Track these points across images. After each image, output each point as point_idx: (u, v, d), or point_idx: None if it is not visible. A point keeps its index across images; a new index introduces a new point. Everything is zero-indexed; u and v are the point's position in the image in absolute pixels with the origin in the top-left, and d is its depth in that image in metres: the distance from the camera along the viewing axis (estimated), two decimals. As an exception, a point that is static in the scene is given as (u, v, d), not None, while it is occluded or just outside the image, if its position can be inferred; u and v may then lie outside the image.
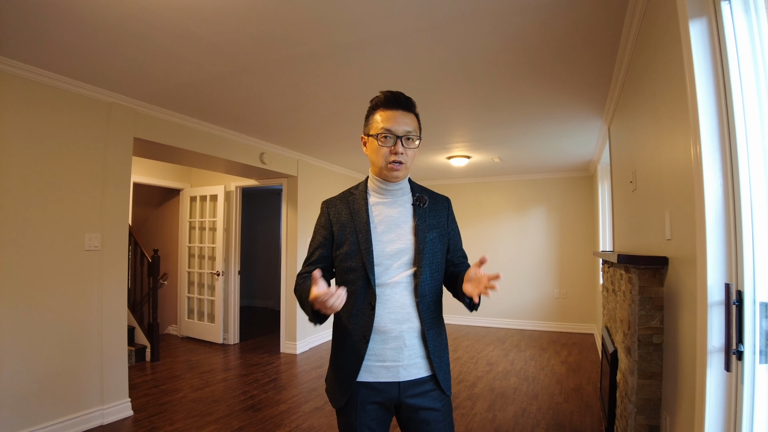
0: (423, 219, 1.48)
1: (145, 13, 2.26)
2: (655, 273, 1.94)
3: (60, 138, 3.16)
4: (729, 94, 1.19)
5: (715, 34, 1.24)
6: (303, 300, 1.42)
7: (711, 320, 1.21)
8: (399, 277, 1.42)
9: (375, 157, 1.46)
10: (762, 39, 1.15)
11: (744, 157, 1.16)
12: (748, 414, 1.10)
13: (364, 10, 2.25)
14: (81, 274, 3.28)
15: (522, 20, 2.35)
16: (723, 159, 1.22)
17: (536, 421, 3.43)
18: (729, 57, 1.19)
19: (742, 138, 1.16)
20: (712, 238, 1.22)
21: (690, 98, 1.31)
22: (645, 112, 2.25)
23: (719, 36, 1.23)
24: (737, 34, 1.18)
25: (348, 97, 3.53)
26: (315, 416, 3.57)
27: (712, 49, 1.25)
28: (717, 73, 1.24)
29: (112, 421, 3.40)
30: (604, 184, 5.60)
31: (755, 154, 1.15)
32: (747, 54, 1.17)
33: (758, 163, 1.15)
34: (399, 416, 1.47)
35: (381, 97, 1.47)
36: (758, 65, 1.15)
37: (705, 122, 1.25)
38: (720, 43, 1.23)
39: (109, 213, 3.47)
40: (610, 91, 3.33)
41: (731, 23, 1.19)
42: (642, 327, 1.94)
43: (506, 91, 3.42)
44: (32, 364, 2.95)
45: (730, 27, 1.19)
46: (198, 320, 6.32)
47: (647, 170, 2.26)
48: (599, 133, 4.62)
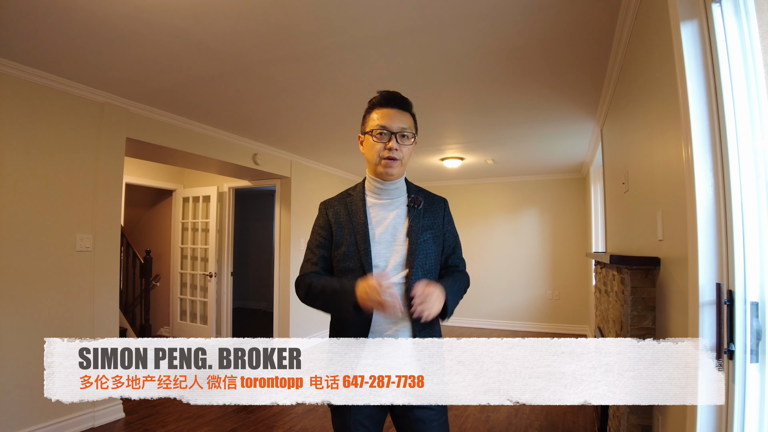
0: (417, 220, 1.49)
1: (138, 13, 2.25)
2: (647, 273, 1.95)
3: (51, 138, 3.12)
4: (720, 95, 1.20)
5: (706, 36, 1.25)
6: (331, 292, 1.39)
7: (702, 320, 1.21)
8: (394, 279, 1.43)
9: (370, 154, 1.47)
10: (752, 41, 1.16)
11: (734, 159, 1.17)
12: (740, 413, 1.11)
13: (357, 11, 2.25)
14: (72, 276, 3.25)
15: (515, 22, 2.36)
16: (714, 160, 1.23)
17: (529, 422, 3.44)
18: (720, 59, 1.20)
19: (732, 139, 1.17)
20: (704, 238, 1.22)
21: (681, 100, 1.32)
22: (637, 114, 2.27)
23: (710, 38, 1.24)
24: (728, 37, 1.19)
25: (341, 97, 3.52)
26: (308, 418, 3.55)
27: (703, 51, 1.26)
28: (708, 74, 1.25)
29: (104, 423, 3.37)
30: (596, 185, 5.63)
31: (745, 155, 1.16)
32: (737, 56, 1.18)
33: (748, 165, 1.16)
34: (393, 415, 1.47)
35: (378, 96, 1.49)
36: (748, 67, 1.16)
37: (696, 124, 1.26)
38: (711, 45, 1.24)
39: (101, 214, 3.44)
40: (603, 93, 3.35)
41: (722, 25, 1.20)
42: (634, 327, 1.95)
43: (499, 93, 3.43)
44: (22, 366, 2.90)
45: (720, 29, 1.20)
46: (191, 322, 6.28)
47: (639, 172, 2.27)
48: (592, 134, 4.65)
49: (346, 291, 1.33)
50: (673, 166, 1.55)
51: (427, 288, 1.32)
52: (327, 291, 1.41)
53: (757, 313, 1.09)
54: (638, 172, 2.30)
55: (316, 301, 1.46)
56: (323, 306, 1.45)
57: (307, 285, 1.48)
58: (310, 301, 1.49)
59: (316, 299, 1.46)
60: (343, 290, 1.35)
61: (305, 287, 1.48)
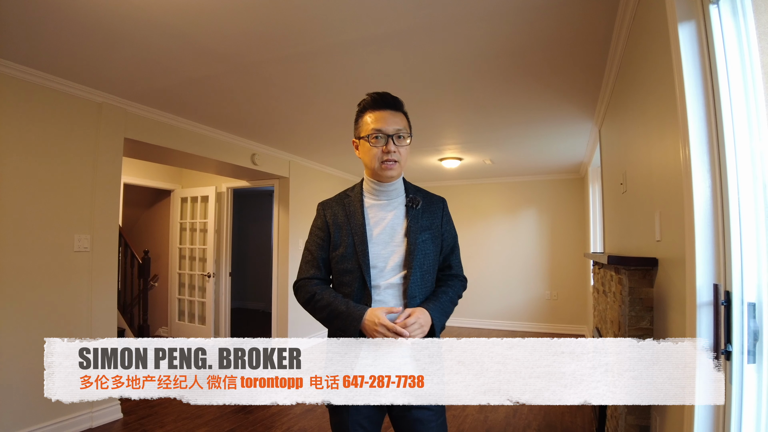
0: (416, 220, 1.49)
1: (136, 13, 2.25)
2: (645, 274, 1.96)
3: (49, 138, 3.12)
4: (717, 96, 1.21)
5: (704, 37, 1.26)
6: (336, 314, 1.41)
7: (700, 320, 1.22)
8: (392, 279, 1.44)
9: (368, 159, 1.46)
10: (749, 42, 1.17)
11: (732, 160, 1.17)
12: (737, 413, 1.12)
13: (356, 11, 2.25)
14: (70, 276, 3.24)
15: (513, 23, 2.36)
16: (711, 161, 1.23)
17: (527, 422, 3.45)
18: (717, 60, 1.20)
19: (730, 140, 1.18)
20: (701, 239, 1.23)
21: (679, 101, 1.33)
22: (635, 114, 2.28)
23: (708, 39, 1.24)
24: (725, 37, 1.20)
25: (340, 97, 3.52)
26: (306, 418, 3.55)
27: (700, 52, 1.27)
28: (705, 75, 1.25)
29: (102, 424, 3.36)
30: (594, 186, 5.64)
31: (743, 156, 1.16)
32: (735, 57, 1.19)
33: (746, 165, 1.16)
34: (391, 415, 1.47)
35: (368, 99, 1.47)
36: (746, 68, 1.17)
37: (694, 125, 1.26)
38: (708, 46, 1.24)
39: (99, 214, 3.44)
40: (601, 93, 3.36)
41: (719, 26, 1.21)
42: (632, 328, 1.96)
43: (497, 93, 3.43)
44: (19, 366, 2.90)
45: (718, 30, 1.21)
46: (189, 322, 6.27)
47: (637, 172, 2.28)
48: (590, 135, 4.66)
49: (352, 318, 1.36)
50: (671, 167, 1.56)
51: (407, 320, 1.36)
52: (332, 311, 1.41)
53: (754, 314, 1.10)
54: (636, 173, 2.31)
55: (318, 314, 1.46)
56: (324, 321, 1.46)
57: (309, 294, 1.48)
58: (310, 310, 1.49)
59: (317, 312, 1.46)
60: (350, 316, 1.37)
61: (308, 295, 1.48)
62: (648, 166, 2.01)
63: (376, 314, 1.35)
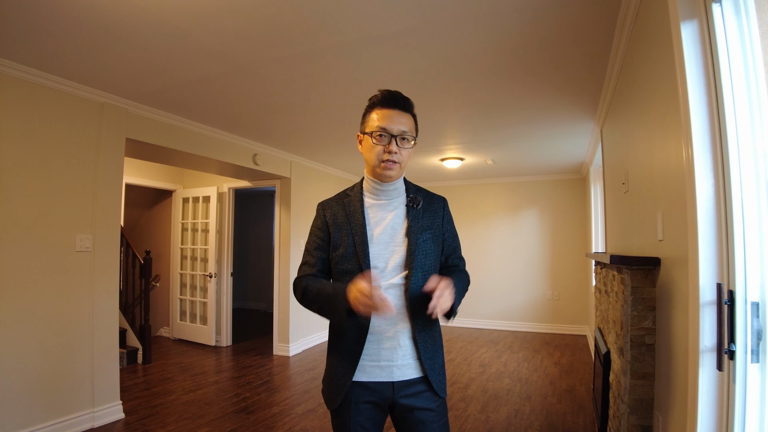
0: (416, 220, 1.48)
1: (138, 12, 2.25)
2: (647, 274, 1.95)
3: (51, 138, 3.13)
4: (720, 95, 1.21)
5: (706, 35, 1.25)
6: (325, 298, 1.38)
7: (703, 320, 1.21)
8: (393, 279, 1.42)
9: (369, 155, 1.45)
10: (752, 41, 1.16)
11: (735, 159, 1.17)
12: (740, 413, 1.11)
13: (356, 11, 2.25)
14: (72, 276, 3.24)
15: (514, 22, 2.36)
16: (714, 160, 1.23)
17: (529, 422, 3.44)
18: (720, 59, 1.20)
19: (733, 139, 1.17)
20: (704, 238, 1.22)
21: (681, 100, 1.32)
22: (637, 114, 2.27)
23: (710, 38, 1.24)
24: (728, 36, 1.20)
25: (341, 98, 3.52)
26: (308, 418, 3.55)
27: (703, 51, 1.27)
28: (708, 74, 1.25)
29: (103, 424, 3.36)
30: (596, 185, 5.63)
31: (746, 155, 1.16)
32: (737, 56, 1.18)
33: (749, 164, 1.16)
34: (393, 416, 1.47)
35: (379, 95, 1.46)
36: (748, 67, 1.17)
37: (696, 124, 1.26)
38: (711, 44, 1.24)
39: (101, 214, 3.44)
40: (602, 93, 3.35)
41: (722, 25, 1.20)
42: (634, 327, 1.95)
43: (499, 93, 3.43)
44: (22, 366, 2.91)
45: (720, 29, 1.21)
46: (190, 322, 6.28)
47: (639, 172, 2.27)
48: (591, 135, 4.65)
49: (338, 296, 1.32)
50: (673, 166, 1.55)
51: (442, 282, 1.30)
52: (322, 296, 1.40)
53: (757, 313, 1.09)
54: (638, 172, 2.31)
55: (312, 305, 1.45)
56: (319, 310, 1.44)
57: (303, 288, 1.47)
58: (306, 304, 1.48)
59: (311, 303, 1.45)
60: (336, 295, 1.33)
61: (301, 290, 1.47)
62: (650, 166, 2.00)
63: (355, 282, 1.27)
